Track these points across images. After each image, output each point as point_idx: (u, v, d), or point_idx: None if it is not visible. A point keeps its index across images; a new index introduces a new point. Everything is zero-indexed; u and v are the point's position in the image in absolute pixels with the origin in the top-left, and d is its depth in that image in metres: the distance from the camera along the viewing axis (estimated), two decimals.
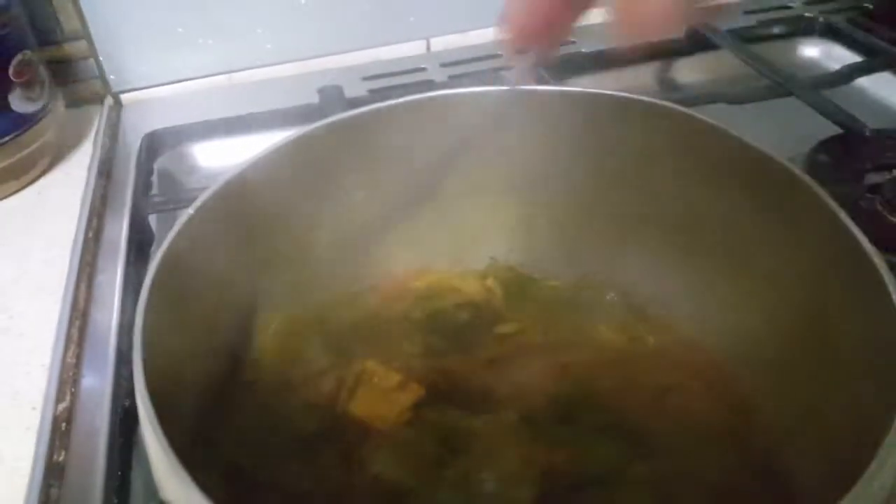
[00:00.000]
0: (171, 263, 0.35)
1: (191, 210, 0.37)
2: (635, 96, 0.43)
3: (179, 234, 0.36)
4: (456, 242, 0.49)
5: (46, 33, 0.74)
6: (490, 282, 0.49)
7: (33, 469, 0.44)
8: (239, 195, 0.40)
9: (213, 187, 0.38)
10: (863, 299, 0.31)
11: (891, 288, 0.30)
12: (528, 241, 0.50)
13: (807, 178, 0.36)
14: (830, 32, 0.82)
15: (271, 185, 0.41)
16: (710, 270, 0.43)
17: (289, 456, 0.40)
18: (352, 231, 0.46)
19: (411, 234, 0.48)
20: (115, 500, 0.42)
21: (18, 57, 0.64)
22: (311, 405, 0.43)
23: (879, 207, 0.55)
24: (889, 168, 0.60)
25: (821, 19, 0.83)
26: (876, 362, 0.29)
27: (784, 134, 0.60)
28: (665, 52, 0.80)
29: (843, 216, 0.34)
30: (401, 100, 0.44)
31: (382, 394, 0.42)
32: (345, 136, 0.43)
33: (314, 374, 0.44)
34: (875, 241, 0.50)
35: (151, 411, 0.29)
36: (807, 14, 0.85)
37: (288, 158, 0.41)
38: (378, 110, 0.44)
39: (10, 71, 0.63)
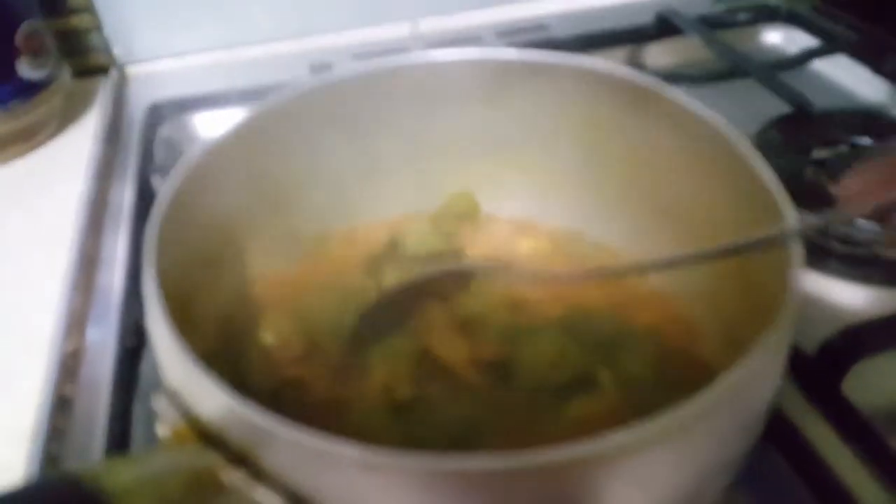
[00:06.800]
0: (181, 195, 0.39)
1: (195, 157, 0.41)
2: (596, 65, 0.47)
3: (188, 173, 0.40)
4: (429, 197, 0.53)
5: (53, 5, 0.77)
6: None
7: (42, 401, 0.48)
8: (231, 149, 0.43)
9: (208, 143, 0.42)
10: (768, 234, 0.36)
11: (790, 224, 0.35)
12: (499, 198, 0.54)
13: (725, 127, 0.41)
14: (793, 19, 0.85)
15: (261, 141, 0.45)
16: (650, 218, 0.48)
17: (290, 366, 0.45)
18: (332, 183, 0.50)
19: (386, 188, 0.52)
20: (120, 429, 0.46)
21: (25, 26, 0.68)
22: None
23: (823, 179, 0.60)
24: (834, 143, 0.64)
25: (784, 6, 0.86)
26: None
27: (741, 112, 0.64)
28: (635, 37, 0.83)
29: (757, 162, 0.38)
30: (374, 66, 0.48)
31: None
32: (326, 99, 0.47)
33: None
34: (816, 210, 0.55)
35: (157, 294, 0.33)
36: (772, 1, 0.88)
37: (272, 118, 0.45)
38: (356, 75, 0.48)
39: (17, 39, 0.67)
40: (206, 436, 0.30)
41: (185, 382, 0.31)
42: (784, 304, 0.32)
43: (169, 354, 0.32)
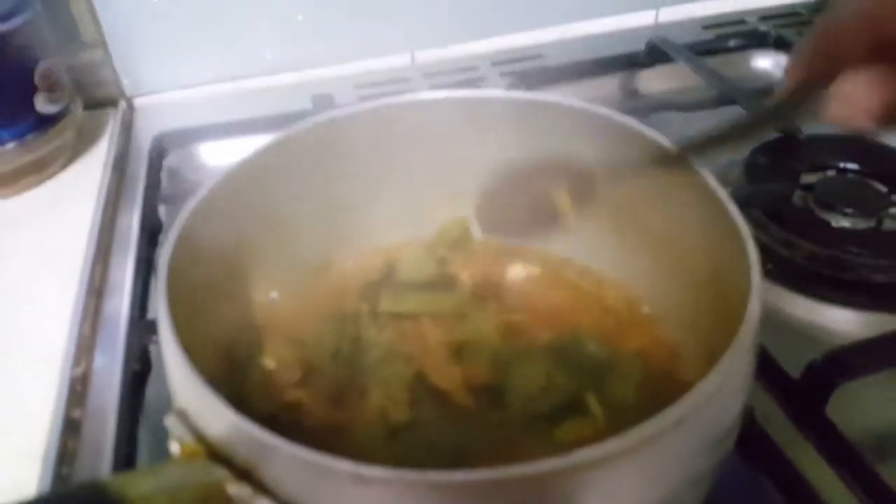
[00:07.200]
0: (188, 229, 0.41)
1: (204, 191, 0.43)
2: (575, 103, 0.49)
3: (197, 206, 0.42)
4: (424, 224, 0.55)
5: (67, 42, 0.79)
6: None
7: (53, 424, 0.50)
8: (238, 183, 0.45)
9: (217, 176, 0.44)
10: (736, 262, 0.38)
11: (751, 254, 0.37)
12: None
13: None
14: (782, 44, 0.87)
15: (265, 175, 0.47)
16: (633, 245, 0.50)
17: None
18: (331, 213, 0.52)
19: (383, 218, 0.54)
20: (126, 450, 0.47)
21: (43, 64, 0.70)
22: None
23: (811, 204, 0.61)
24: (822, 169, 0.65)
25: (773, 33, 0.88)
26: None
27: None
28: (627, 64, 0.85)
29: (720, 192, 0.40)
30: (372, 105, 0.50)
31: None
32: (326, 136, 0.49)
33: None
34: (805, 234, 0.57)
35: (169, 321, 0.35)
36: (761, 28, 0.90)
37: (276, 153, 0.47)
38: (354, 113, 0.50)
39: (36, 76, 0.69)
40: (213, 452, 0.32)
41: (195, 404, 0.33)
42: (744, 323, 0.33)
43: (180, 377, 0.34)
